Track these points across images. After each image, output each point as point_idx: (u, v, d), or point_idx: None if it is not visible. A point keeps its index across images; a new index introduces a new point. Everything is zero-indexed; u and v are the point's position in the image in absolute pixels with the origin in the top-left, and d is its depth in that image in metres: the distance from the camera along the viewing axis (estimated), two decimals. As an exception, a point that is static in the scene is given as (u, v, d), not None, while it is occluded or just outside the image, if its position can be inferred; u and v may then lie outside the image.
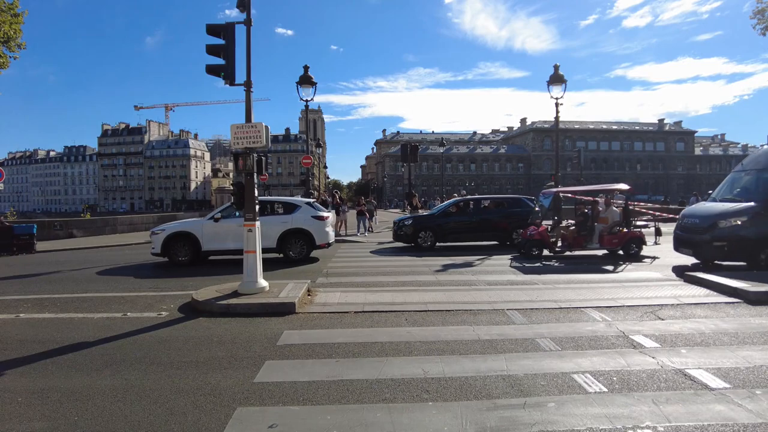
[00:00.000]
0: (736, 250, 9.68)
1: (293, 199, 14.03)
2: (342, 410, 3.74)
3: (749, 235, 9.51)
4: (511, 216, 15.31)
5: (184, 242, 12.11)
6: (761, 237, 9.46)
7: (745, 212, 9.81)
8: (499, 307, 6.98)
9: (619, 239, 12.23)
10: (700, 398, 3.82)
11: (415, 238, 15.20)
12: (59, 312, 7.32)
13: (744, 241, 9.52)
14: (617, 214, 12.65)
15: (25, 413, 3.78)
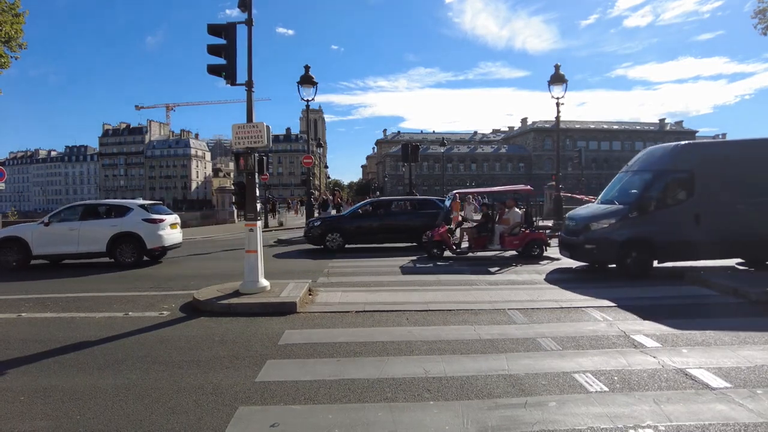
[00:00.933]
0: (605, 253, 9.63)
1: (125, 201, 13.76)
2: (343, 409, 3.75)
3: (617, 237, 9.46)
4: (421, 217, 14.97)
5: (15, 247, 12.07)
6: (628, 240, 9.36)
7: (614, 215, 9.81)
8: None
9: (519, 240, 12.26)
10: (701, 398, 3.83)
11: (323, 240, 14.83)
12: (61, 311, 7.34)
13: (612, 243, 9.44)
14: (518, 216, 12.70)
15: (28, 412, 3.80)
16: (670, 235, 9.27)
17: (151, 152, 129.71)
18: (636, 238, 9.38)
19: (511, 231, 12.40)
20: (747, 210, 9.26)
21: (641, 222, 9.43)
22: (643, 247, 9.36)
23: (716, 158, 9.59)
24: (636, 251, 9.35)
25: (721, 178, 9.27)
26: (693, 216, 9.19)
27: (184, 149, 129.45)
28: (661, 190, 9.61)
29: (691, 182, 9.35)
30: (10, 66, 16.33)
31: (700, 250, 9.23)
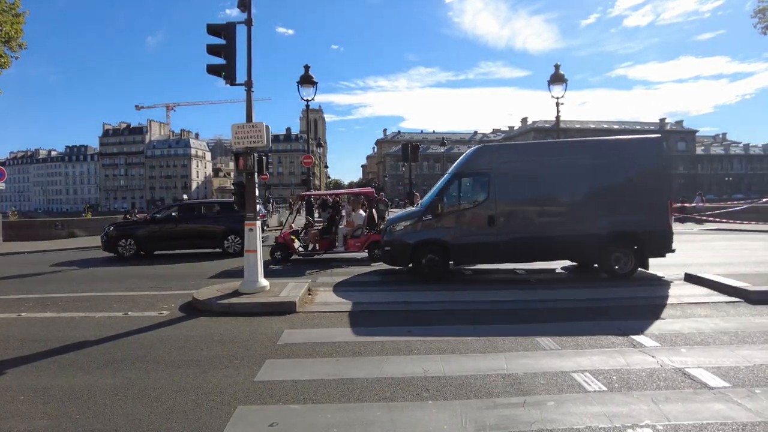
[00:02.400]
0: (399, 255, 9.65)
1: None
2: (342, 409, 3.76)
3: (409, 239, 9.48)
4: (225, 222, 14.34)
5: None
6: (421, 242, 9.36)
7: (410, 217, 9.91)
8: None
9: (361, 242, 12.38)
10: (700, 397, 3.83)
11: (115, 247, 13.93)
12: (61, 311, 7.35)
13: (405, 245, 9.45)
14: (361, 218, 12.81)
15: (27, 412, 3.80)
16: (464, 237, 9.30)
17: (152, 152, 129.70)
18: (429, 240, 9.40)
19: (353, 233, 12.54)
20: (543, 212, 9.39)
21: (435, 224, 9.43)
22: (437, 250, 9.38)
23: (513, 160, 9.57)
24: (430, 253, 9.36)
25: (518, 181, 9.31)
26: (487, 218, 9.20)
27: (185, 149, 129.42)
28: (456, 192, 9.64)
29: (487, 184, 9.34)
30: (11, 66, 16.38)
31: (496, 252, 9.29)
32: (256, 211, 7.90)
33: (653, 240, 9.11)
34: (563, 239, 9.13)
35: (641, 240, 9.13)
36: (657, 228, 9.08)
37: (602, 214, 9.17)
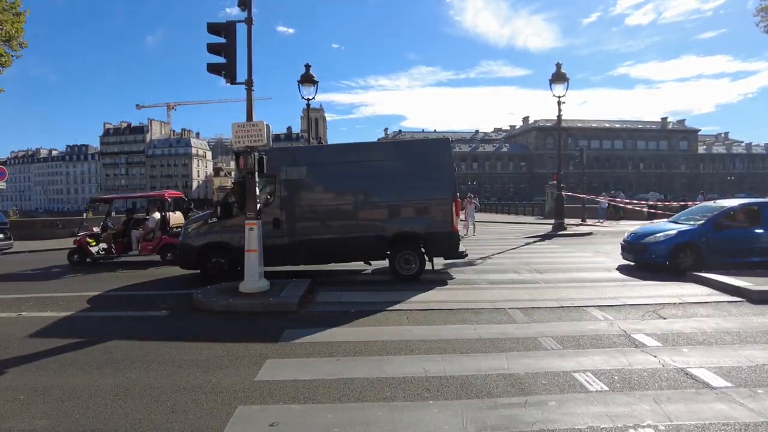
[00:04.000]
0: (185, 258, 9.72)
1: None
2: (343, 409, 3.75)
3: (194, 242, 9.58)
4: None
5: None
6: (206, 244, 9.47)
7: (199, 219, 10.09)
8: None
9: (153, 246, 12.45)
10: (702, 397, 3.81)
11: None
12: (61, 310, 7.34)
13: (190, 248, 9.54)
14: (154, 221, 12.83)
15: (27, 411, 3.80)
16: None
17: (152, 151, 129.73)
18: (214, 243, 9.46)
19: (146, 236, 12.59)
20: (329, 214, 9.52)
21: (221, 227, 9.48)
22: (223, 253, 9.45)
23: (300, 163, 9.67)
24: (216, 256, 9.44)
25: (305, 183, 9.44)
26: (273, 220, 9.24)
27: (185, 148, 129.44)
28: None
29: (273, 186, 9.42)
30: (11, 65, 16.37)
31: (282, 254, 9.37)
32: (256, 210, 7.89)
33: (437, 242, 9.33)
34: (349, 240, 9.33)
35: (426, 241, 9.32)
36: (442, 230, 9.27)
37: (388, 215, 9.43)
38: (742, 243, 9.69)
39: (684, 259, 9.58)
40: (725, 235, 9.73)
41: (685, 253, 9.62)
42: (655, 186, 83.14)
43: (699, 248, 9.59)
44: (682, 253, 9.61)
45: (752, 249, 9.65)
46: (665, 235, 10.01)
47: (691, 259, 9.55)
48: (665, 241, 9.86)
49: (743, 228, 10.01)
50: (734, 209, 10.34)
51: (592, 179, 78.97)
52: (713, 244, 9.60)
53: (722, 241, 9.64)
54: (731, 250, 9.62)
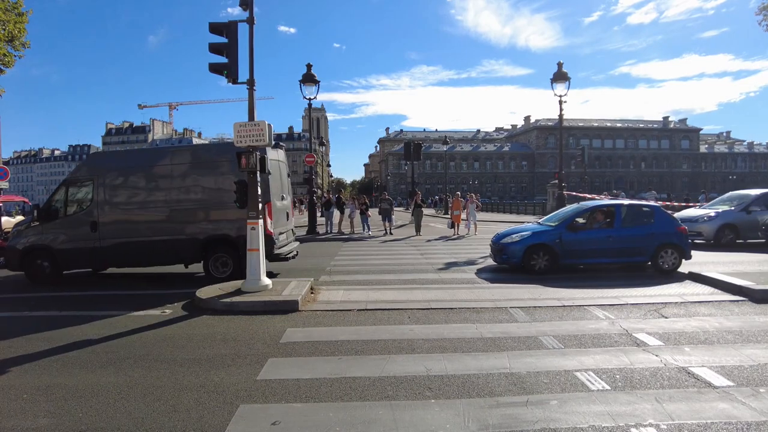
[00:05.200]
0: (10, 260, 9.81)
1: None
2: (345, 407, 3.75)
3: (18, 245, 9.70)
4: None
5: None
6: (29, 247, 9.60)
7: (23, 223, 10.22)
8: (502, 305, 6.96)
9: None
10: (704, 396, 3.81)
11: None
12: (64, 309, 7.36)
13: (15, 251, 9.68)
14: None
15: (30, 409, 3.81)
16: (68, 242, 9.58)
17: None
18: (36, 246, 9.60)
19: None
20: (145, 218, 9.63)
21: (43, 230, 9.64)
22: (45, 255, 9.58)
23: (117, 168, 9.85)
24: (39, 259, 9.57)
25: (121, 188, 9.63)
26: (90, 224, 9.46)
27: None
28: (63, 198, 9.83)
29: (91, 191, 9.60)
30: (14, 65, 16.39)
31: (99, 257, 9.64)
32: (258, 209, 7.90)
33: None
34: (165, 244, 9.48)
35: (237, 244, 9.33)
36: None
37: (200, 219, 9.56)
38: (595, 244, 9.79)
39: (537, 261, 9.70)
40: (580, 237, 9.85)
41: (538, 254, 9.70)
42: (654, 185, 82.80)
43: (553, 249, 9.69)
44: (535, 254, 9.69)
45: (605, 250, 9.75)
46: (520, 236, 10.14)
47: (545, 260, 9.68)
48: (520, 242, 9.98)
49: (597, 230, 10.14)
50: (588, 211, 10.60)
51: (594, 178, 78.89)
52: (567, 246, 9.70)
53: (575, 242, 9.75)
54: (584, 251, 9.77)
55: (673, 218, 10.29)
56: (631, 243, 9.71)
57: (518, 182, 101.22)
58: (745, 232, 13.66)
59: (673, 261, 9.57)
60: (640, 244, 9.67)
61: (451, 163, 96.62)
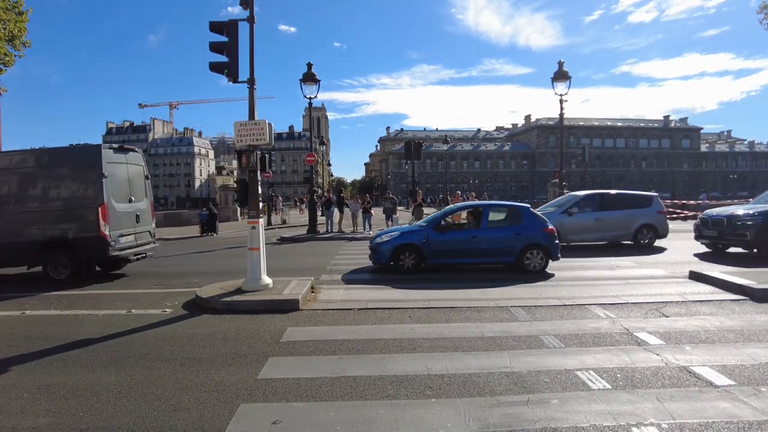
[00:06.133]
0: None
1: None
2: (345, 406, 3.75)
3: None
4: None
5: None
6: None
7: None
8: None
9: None
10: (705, 395, 3.80)
11: None
12: (64, 309, 7.37)
13: None
14: None
15: (31, 408, 3.81)
16: None
17: (155, 150, 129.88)
18: None
19: None
20: None
21: None
22: None
23: None
24: None
25: None
26: None
27: (188, 147, 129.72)
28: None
29: None
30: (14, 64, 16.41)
31: None
32: (258, 208, 7.91)
33: (86, 247, 9.53)
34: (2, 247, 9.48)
35: (75, 246, 9.50)
36: (89, 234, 9.44)
37: (38, 221, 9.63)
38: (461, 245, 9.87)
39: (405, 260, 9.74)
40: (447, 237, 9.92)
41: (405, 254, 9.74)
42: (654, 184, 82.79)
43: (420, 249, 9.74)
44: (402, 254, 9.73)
45: (471, 250, 9.82)
46: (389, 236, 10.24)
47: (412, 260, 9.74)
48: (388, 242, 10.07)
49: (464, 230, 10.26)
50: (457, 211, 10.80)
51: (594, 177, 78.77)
52: (433, 246, 9.76)
53: (442, 242, 9.82)
54: (450, 251, 9.83)
55: (541, 219, 10.18)
56: (497, 243, 9.82)
57: (519, 181, 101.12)
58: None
59: (540, 262, 9.66)
60: (507, 245, 9.77)
61: (452, 163, 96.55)
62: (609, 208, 13.82)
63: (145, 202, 11.01)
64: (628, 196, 15.07)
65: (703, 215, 12.24)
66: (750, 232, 10.61)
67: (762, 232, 10.46)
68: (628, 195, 15.36)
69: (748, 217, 10.86)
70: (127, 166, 10.43)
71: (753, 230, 10.56)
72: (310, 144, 23.20)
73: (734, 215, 11.25)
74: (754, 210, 11.15)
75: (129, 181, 10.41)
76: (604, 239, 13.76)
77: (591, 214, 13.49)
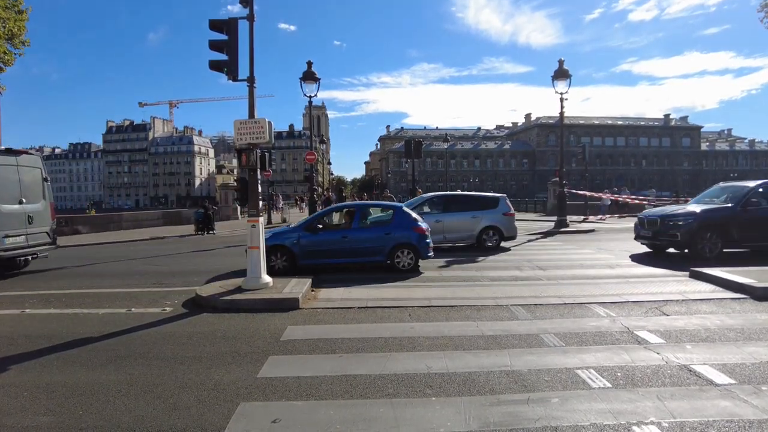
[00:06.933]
0: None
1: None
2: (345, 405, 3.74)
3: None
4: None
5: None
6: None
7: None
8: (502, 303, 6.95)
9: None
10: (705, 394, 3.80)
11: None
12: (64, 307, 7.36)
13: None
14: None
15: (31, 407, 3.81)
16: None
17: (155, 149, 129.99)
18: None
19: None
20: None
21: None
22: None
23: None
24: None
25: None
26: None
27: (188, 146, 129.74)
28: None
29: None
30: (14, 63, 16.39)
31: None
32: (258, 207, 7.90)
33: None
34: None
35: None
36: None
37: None
38: (332, 245, 9.93)
39: (276, 262, 9.75)
40: (318, 238, 9.97)
41: (276, 255, 9.76)
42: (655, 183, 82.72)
43: (290, 251, 9.78)
44: (273, 256, 9.71)
45: (342, 250, 9.89)
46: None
47: (283, 261, 9.78)
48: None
49: (335, 230, 10.33)
50: (332, 212, 11.05)
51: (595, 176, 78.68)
52: (305, 247, 9.80)
53: (313, 243, 9.87)
54: (322, 251, 9.88)
55: (412, 219, 10.21)
56: (368, 243, 9.91)
57: (519, 180, 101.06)
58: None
59: (409, 261, 9.83)
60: (377, 244, 9.87)
61: (452, 161, 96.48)
62: (453, 210, 13.79)
63: (41, 204, 11.13)
64: (474, 198, 15.10)
65: (641, 215, 12.15)
66: (680, 232, 10.64)
67: (691, 232, 10.53)
68: (473, 197, 15.42)
69: (680, 218, 10.93)
70: (18, 169, 10.55)
71: (683, 230, 10.61)
72: (310, 142, 23.19)
73: (667, 215, 11.31)
74: (685, 210, 11.31)
75: (20, 183, 10.52)
76: (447, 241, 13.53)
77: (433, 216, 13.30)
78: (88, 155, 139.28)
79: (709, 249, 10.51)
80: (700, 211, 10.97)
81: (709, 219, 10.75)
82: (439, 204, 14.11)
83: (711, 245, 10.51)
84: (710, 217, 10.80)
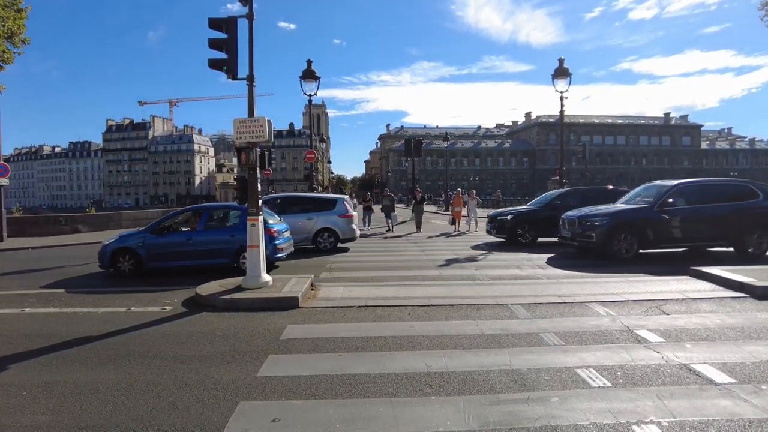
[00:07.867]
0: None
1: None
2: (345, 404, 3.74)
3: None
4: None
5: None
6: None
7: None
8: (502, 302, 6.95)
9: None
10: (705, 393, 3.79)
11: None
12: (64, 306, 7.36)
13: None
14: None
15: (30, 407, 3.80)
16: None
17: (155, 148, 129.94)
18: None
19: None
20: None
21: None
22: None
23: None
24: None
25: None
26: None
27: (188, 145, 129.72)
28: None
29: None
30: (14, 62, 16.36)
31: None
32: (258, 206, 7.88)
33: None
34: None
35: None
36: None
37: None
38: (178, 247, 9.93)
39: (123, 264, 9.86)
40: (164, 240, 9.97)
41: (124, 257, 9.82)
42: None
43: (136, 253, 9.80)
44: (121, 257, 9.81)
45: (187, 252, 9.89)
46: (108, 240, 10.35)
47: (130, 264, 9.84)
48: (108, 245, 10.12)
49: (180, 233, 10.32)
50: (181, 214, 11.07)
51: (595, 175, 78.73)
52: (151, 249, 9.83)
53: (159, 245, 9.89)
54: (168, 253, 9.87)
55: None
56: (213, 245, 9.94)
57: (519, 179, 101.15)
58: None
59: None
60: (221, 247, 9.90)
61: (452, 160, 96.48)
62: (291, 212, 13.65)
63: None
64: (312, 199, 15.10)
65: (563, 216, 11.93)
66: (596, 233, 10.63)
67: (606, 233, 10.49)
68: (311, 198, 15.45)
69: (596, 218, 10.86)
70: None
71: (598, 230, 10.59)
72: (310, 141, 23.18)
73: (584, 215, 11.21)
74: (603, 211, 11.21)
75: None
76: None
77: None
78: (87, 154, 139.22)
79: (625, 250, 10.45)
80: (615, 211, 10.96)
81: (624, 219, 10.71)
82: (280, 205, 13.92)
83: (627, 246, 10.44)
84: (625, 218, 10.76)
